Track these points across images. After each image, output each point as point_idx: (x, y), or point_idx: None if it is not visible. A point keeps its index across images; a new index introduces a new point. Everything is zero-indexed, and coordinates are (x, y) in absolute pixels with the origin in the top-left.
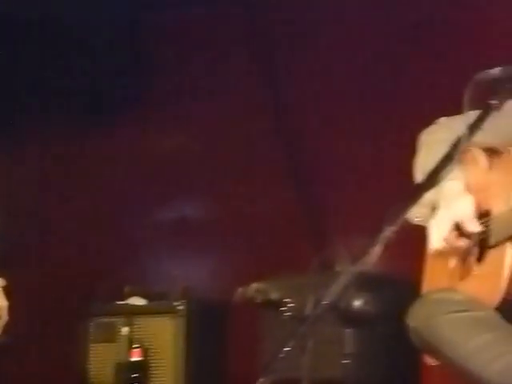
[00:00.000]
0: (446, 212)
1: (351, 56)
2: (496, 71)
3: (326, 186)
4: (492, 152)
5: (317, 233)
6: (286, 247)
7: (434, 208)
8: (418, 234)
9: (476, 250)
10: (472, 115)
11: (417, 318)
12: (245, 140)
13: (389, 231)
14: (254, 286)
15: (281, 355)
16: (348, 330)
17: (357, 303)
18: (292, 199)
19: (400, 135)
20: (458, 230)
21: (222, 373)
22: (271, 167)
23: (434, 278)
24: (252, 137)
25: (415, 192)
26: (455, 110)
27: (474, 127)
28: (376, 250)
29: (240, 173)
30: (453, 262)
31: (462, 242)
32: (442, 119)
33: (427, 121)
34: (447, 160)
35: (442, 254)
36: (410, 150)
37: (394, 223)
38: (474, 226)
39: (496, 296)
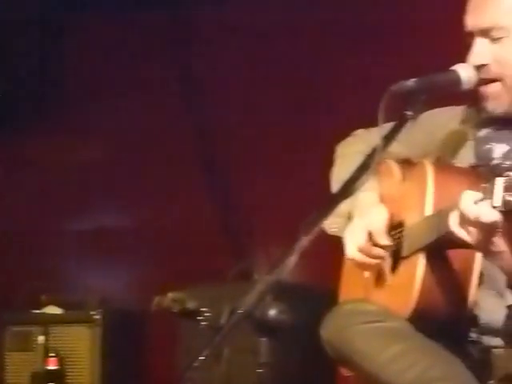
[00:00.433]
0: (361, 222)
1: (272, 59)
2: (410, 83)
3: (243, 197)
4: (406, 163)
5: (234, 242)
6: (204, 257)
7: (349, 218)
8: (335, 243)
9: (389, 261)
10: (387, 127)
11: (330, 328)
12: (162, 150)
13: (305, 240)
14: (171, 295)
15: (196, 364)
16: (263, 340)
17: (272, 312)
18: (209, 209)
19: (317, 146)
20: (372, 240)
21: (140, 382)
22: (188, 177)
23: (349, 288)
24: (169, 147)
25: (330, 202)
26: (373, 121)
27: (388, 138)
28: (292, 260)
29: (158, 183)
30: (367, 273)
31: (377, 252)
32: (359, 131)
33: (344, 132)
34: (362, 170)
35: (359, 264)
36: (327, 161)
37: (309, 232)
38: (384, 239)
39: (408, 307)
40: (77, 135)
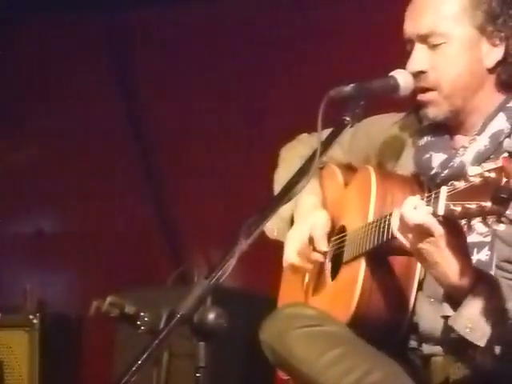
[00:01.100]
0: (301, 226)
1: (212, 65)
2: (349, 88)
3: (184, 201)
4: (348, 168)
5: (174, 247)
6: (144, 261)
7: (290, 222)
8: (276, 248)
9: (330, 266)
10: (327, 132)
11: (270, 332)
12: (100, 154)
13: (245, 244)
14: (109, 299)
15: (134, 369)
16: (201, 344)
17: (210, 316)
18: (149, 213)
19: (260, 149)
20: (313, 244)
21: None
22: (129, 182)
23: (288, 293)
24: (107, 151)
25: (271, 205)
26: (316, 126)
27: (327, 143)
28: (231, 263)
29: (96, 187)
30: (307, 277)
31: (316, 257)
32: (303, 135)
33: (288, 136)
34: (303, 174)
35: (298, 269)
36: (270, 165)
37: (250, 236)
38: (323, 245)
39: (348, 312)
40: (13, 138)
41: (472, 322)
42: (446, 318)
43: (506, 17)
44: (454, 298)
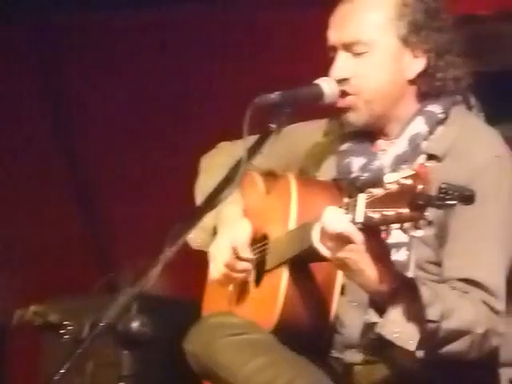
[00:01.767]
0: (225, 237)
1: (136, 76)
2: (274, 96)
3: (110, 209)
4: (270, 176)
5: (99, 255)
6: (70, 270)
7: (214, 233)
8: (199, 256)
9: (254, 274)
10: (251, 139)
11: (195, 342)
12: (24, 163)
13: (169, 253)
14: (33, 308)
15: (57, 378)
16: (125, 352)
17: (134, 325)
18: (75, 222)
19: (182, 158)
20: (237, 254)
21: None
22: (55, 191)
23: (213, 302)
24: (31, 160)
25: (195, 214)
26: (238, 134)
27: (252, 151)
28: (156, 272)
29: (19, 196)
30: (232, 286)
31: (242, 266)
32: (223, 143)
33: (209, 144)
34: (226, 183)
35: (226, 281)
36: (192, 173)
37: (174, 245)
38: (247, 253)
39: (272, 319)
40: None
41: (399, 326)
42: (372, 324)
43: (429, 29)
44: (380, 303)
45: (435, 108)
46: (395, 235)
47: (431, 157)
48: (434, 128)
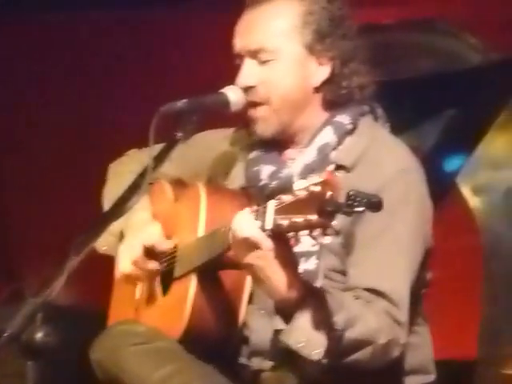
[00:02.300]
0: (134, 239)
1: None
2: (180, 104)
3: (14, 217)
4: (179, 184)
5: (4, 265)
6: None
7: (121, 237)
8: (105, 264)
9: (160, 282)
10: (158, 147)
11: (100, 350)
12: None
13: (75, 261)
14: None
15: None
16: (30, 363)
17: (39, 335)
18: None
19: (89, 165)
20: (147, 254)
21: None
22: None
23: (119, 310)
24: None
25: (101, 221)
26: (146, 141)
27: (159, 159)
28: (60, 281)
29: None
30: (138, 293)
31: (152, 266)
32: (132, 151)
33: (118, 152)
34: (133, 190)
35: (129, 283)
36: (100, 180)
37: (79, 253)
38: (166, 244)
39: (179, 328)
40: None
41: (305, 335)
42: (278, 331)
43: (334, 37)
44: (285, 311)
45: (343, 118)
46: (305, 244)
47: (340, 167)
48: (342, 138)
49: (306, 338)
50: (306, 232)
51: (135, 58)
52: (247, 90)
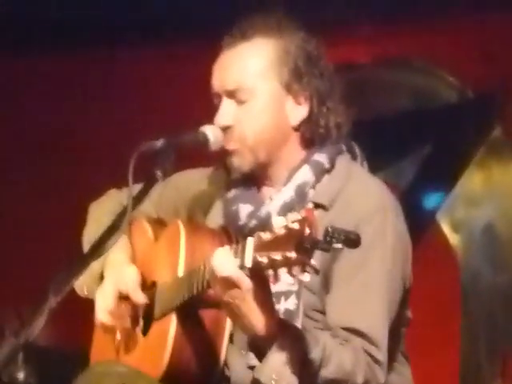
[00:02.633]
0: (110, 283)
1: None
2: (159, 143)
3: None
4: (158, 223)
5: None
6: None
7: (100, 278)
8: (85, 304)
9: (142, 322)
10: (137, 187)
11: None
12: None
13: (54, 301)
14: None
15: None
16: None
17: (20, 375)
18: None
19: (72, 203)
20: (124, 300)
21: None
22: None
23: (101, 350)
24: None
25: (80, 262)
26: (125, 179)
27: (138, 198)
28: (41, 321)
29: None
30: (119, 334)
31: (127, 312)
32: (112, 190)
33: (97, 190)
34: (112, 230)
35: (109, 327)
36: (79, 220)
37: (59, 293)
38: (139, 297)
39: (160, 368)
40: None
41: (277, 373)
42: (252, 368)
43: (310, 76)
44: (259, 348)
45: (321, 157)
46: (284, 283)
47: (318, 205)
48: (320, 177)
49: (278, 375)
50: (285, 269)
51: (112, 97)
52: (225, 129)
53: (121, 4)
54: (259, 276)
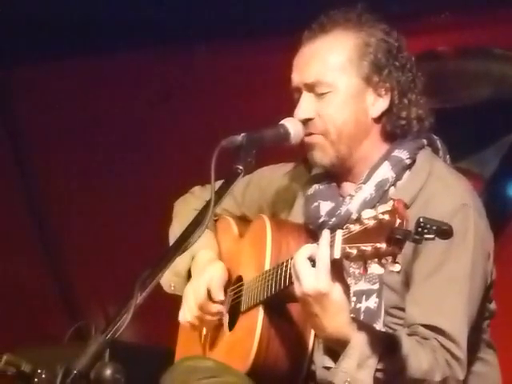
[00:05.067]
0: (198, 280)
1: (98, 119)
2: (240, 138)
3: (80, 257)
4: (242, 220)
5: (71, 303)
6: (41, 318)
7: (188, 277)
8: (172, 299)
9: (227, 317)
10: (219, 182)
11: None
12: None
13: (139, 298)
14: (5, 358)
15: None
16: None
17: (107, 372)
18: (45, 271)
19: (156, 202)
20: (211, 296)
21: None
22: (25, 241)
23: (187, 346)
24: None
25: (165, 257)
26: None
27: (221, 193)
28: (126, 318)
29: None
30: (205, 329)
31: (216, 309)
32: (195, 188)
33: (183, 188)
34: (197, 225)
35: (199, 324)
36: (165, 218)
37: (144, 290)
38: (220, 295)
39: (247, 361)
40: None
41: (350, 376)
42: (327, 368)
43: (391, 68)
44: (333, 350)
45: (402, 153)
46: (365, 283)
47: None
48: (400, 174)
49: (352, 379)
50: (376, 261)
51: (192, 93)
52: (305, 122)
53: (198, 3)
54: (337, 277)
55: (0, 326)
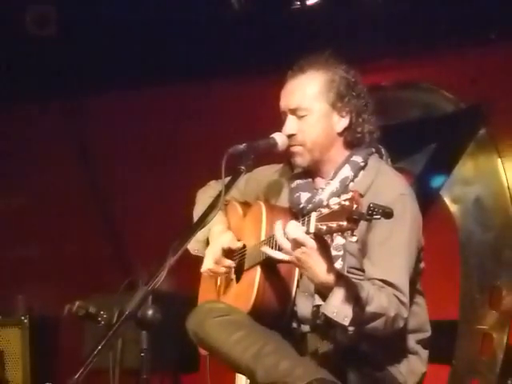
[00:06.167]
0: (215, 244)
1: (145, 136)
2: (242, 146)
3: (130, 226)
4: (245, 204)
5: (124, 263)
6: (101, 275)
7: (207, 243)
8: (194, 262)
9: (234, 273)
10: (228, 178)
11: (193, 321)
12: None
13: (172, 259)
14: (77, 303)
15: (96, 352)
16: (143, 332)
17: (150, 312)
18: (103, 239)
19: (183, 191)
20: (225, 254)
21: (55, 366)
22: (79, 209)
23: (206, 293)
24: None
25: (191, 230)
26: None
27: (229, 186)
28: (163, 273)
29: (57, 219)
30: (219, 282)
31: (228, 262)
32: (211, 182)
33: (202, 182)
34: (213, 208)
35: (214, 272)
36: (189, 202)
37: (176, 253)
38: (237, 244)
39: (248, 305)
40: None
41: (337, 307)
42: (317, 306)
43: (350, 96)
44: (323, 291)
45: (358, 158)
46: (333, 250)
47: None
48: (357, 173)
49: (338, 309)
50: (339, 234)
51: (208, 117)
52: (290, 136)
53: (210, 46)
54: (321, 240)
55: (74, 281)
